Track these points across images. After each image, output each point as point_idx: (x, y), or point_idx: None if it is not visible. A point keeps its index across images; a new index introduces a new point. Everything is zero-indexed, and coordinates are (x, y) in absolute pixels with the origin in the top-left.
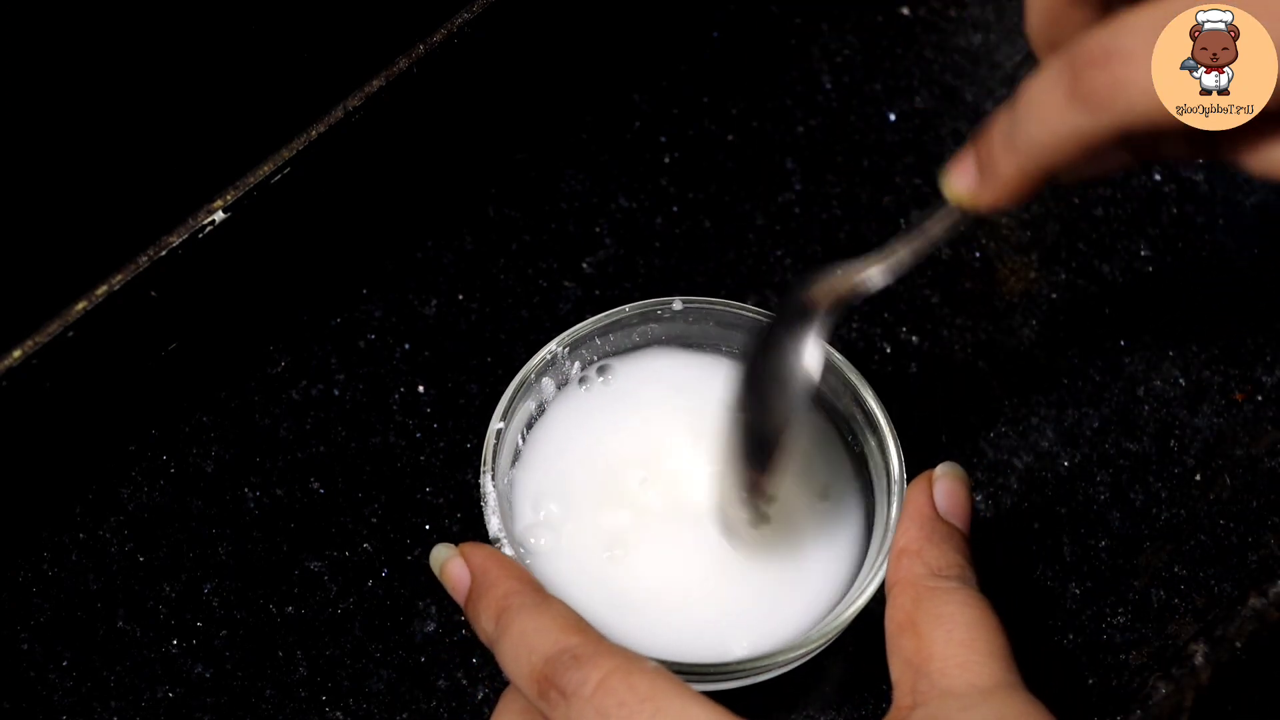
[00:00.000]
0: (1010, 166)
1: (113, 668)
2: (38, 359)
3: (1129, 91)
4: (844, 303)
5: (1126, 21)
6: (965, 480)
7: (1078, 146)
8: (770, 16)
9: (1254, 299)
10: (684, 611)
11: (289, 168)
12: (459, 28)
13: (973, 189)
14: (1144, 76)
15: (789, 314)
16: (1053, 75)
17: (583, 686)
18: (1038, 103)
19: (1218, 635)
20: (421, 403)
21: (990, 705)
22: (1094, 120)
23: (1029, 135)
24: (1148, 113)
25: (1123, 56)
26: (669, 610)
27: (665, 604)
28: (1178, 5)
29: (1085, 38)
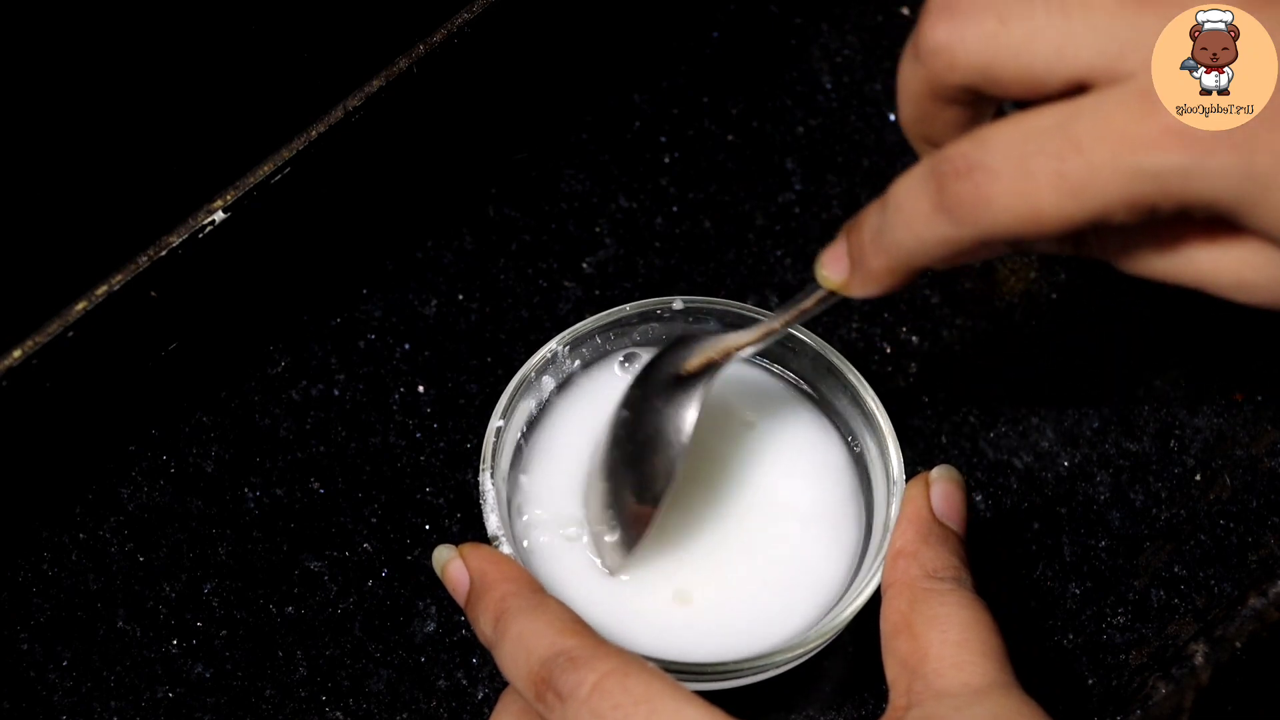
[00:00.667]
0: (879, 264)
1: (113, 668)
2: (38, 359)
3: (992, 207)
4: (716, 369)
5: (990, 136)
6: (961, 483)
7: (943, 252)
8: (770, 16)
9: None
10: (682, 611)
11: (289, 168)
12: (459, 28)
13: (844, 279)
14: (1007, 192)
15: (662, 381)
16: (919, 183)
17: (579, 688)
18: (905, 208)
19: (1218, 635)
20: (421, 403)
21: (984, 705)
22: (958, 231)
23: (896, 239)
24: (1011, 226)
25: (986, 171)
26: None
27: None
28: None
29: (950, 149)
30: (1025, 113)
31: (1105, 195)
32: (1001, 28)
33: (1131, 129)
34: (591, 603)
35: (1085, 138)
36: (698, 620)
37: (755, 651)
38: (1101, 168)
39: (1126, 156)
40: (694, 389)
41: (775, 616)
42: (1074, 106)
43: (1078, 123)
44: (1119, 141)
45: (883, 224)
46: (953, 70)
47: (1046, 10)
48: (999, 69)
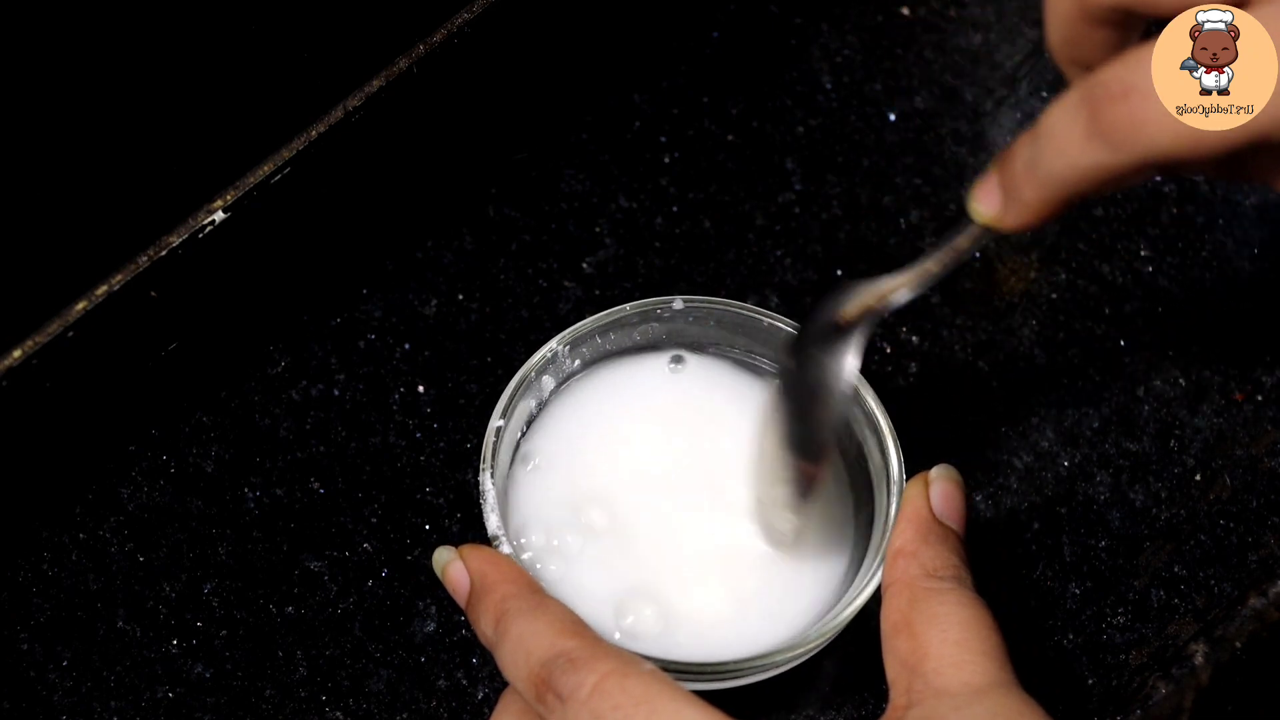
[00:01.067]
0: (1034, 195)
1: (113, 668)
2: (38, 359)
3: (1148, 128)
4: (875, 316)
5: (1144, 55)
6: (960, 483)
7: (1100, 179)
8: (770, 16)
9: (1254, 299)
10: (683, 610)
11: (289, 168)
12: (459, 28)
13: (997, 212)
14: (1163, 112)
15: (820, 330)
16: (1072, 109)
17: (578, 690)
18: (1058, 136)
19: (1218, 635)
20: (421, 403)
21: (984, 704)
22: (1114, 156)
23: (1051, 167)
24: (1169, 148)
25: (1141, 93)
26: (668, 609)
27: (665, 603)
28: None
29: (1103, 71)
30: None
31: (1265, 112)
32: None
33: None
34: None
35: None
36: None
37: (755, 651)
38: None
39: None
40: (851, 336)
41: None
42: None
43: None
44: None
45: (1035, 154)
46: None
47: None
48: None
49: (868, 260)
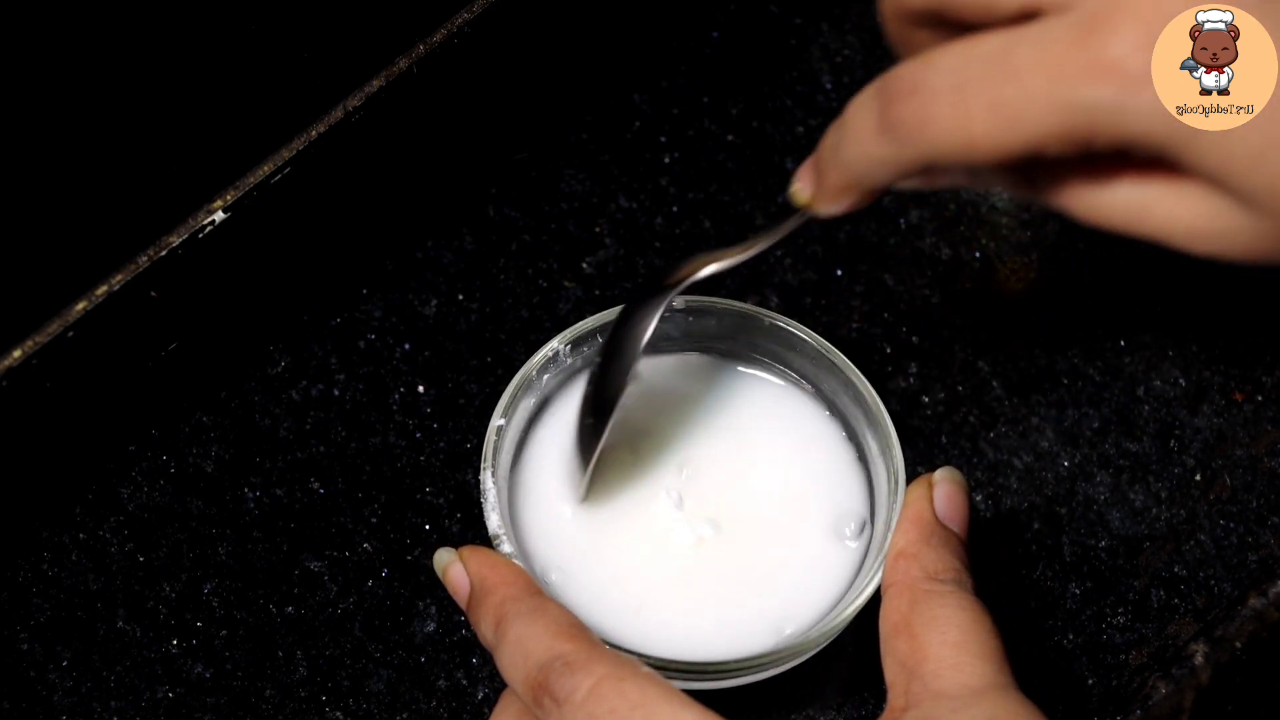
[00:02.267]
0: (835, 181)
1: (113, 668)
2: (38, 359)
3: (930, 129)
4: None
5: (936, 58)
6: (964, 485)
7: (889, 172)
8: (770, 16)
9: (1254, 299)
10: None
11: (289, 168)
12: (459, 28)
13: (811, 196)
14: (944, 115)
15: (643, 291)
16: (868, 101)
17: (575, 693)
18: (855, 126)
19: (1218, 635)
20: (421, 403)
21: (981, 706)
22: (901, 151)
23: (847, 156)
24: (947, 150)
25: (928, 92)
26: (668, 608)
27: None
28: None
29: (899, 68)
30: (972, 37)
31: (1038, 125)
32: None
33: (1066, 60)
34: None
35: (1022, 66)
36: (698, 619)
37: (755, 651)
38: (1035, 97)
39: (1059, 87)
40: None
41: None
42: (1017, 34)
43: (1017, 51)
44: (1053, 72)
45: (838, 141)
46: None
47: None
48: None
49: (868, 260)
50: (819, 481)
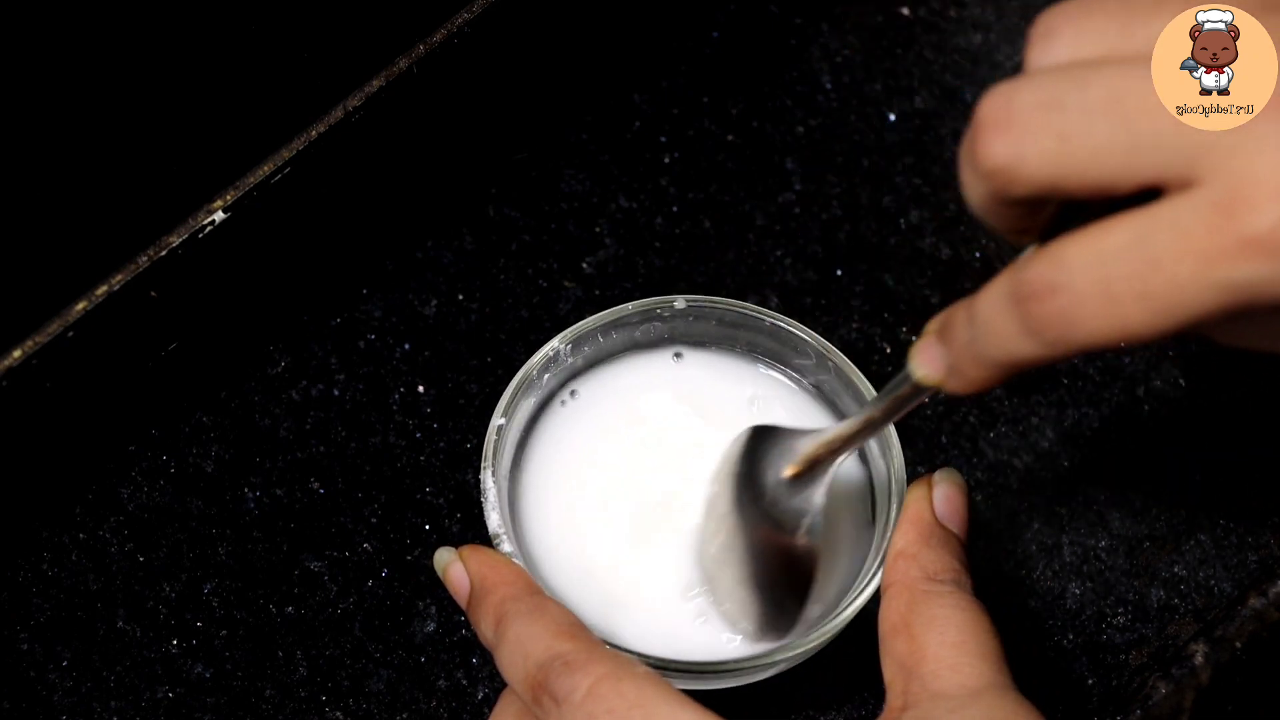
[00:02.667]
0: (977, 374)
1: (113, 668)
2: (38, 359)
3: (1079, 329)
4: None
5: (1067, 257)
6: (963, 487)
7: (1037, 363)
8: (770, 16)
9: None
10: (683, 609)
11: (289, 168)
12: (459, 28)
13: (941, 378)
14: (1093, 316)
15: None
16: (1003, 303)
17: (573, 693)
18: (994, 330)
19: (1218, 635)
20: (421, 403)
21: (979, 706)
22: (1048, 350)
23: (991, 355)
24: (1101, 343)
25: (1069, 294)
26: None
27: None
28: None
29: (1028, 271)
30: (1099, 228)
31: (1194, 309)
32: (1063, 147)
33: (1210, 243)
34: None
35: (1164, 256)
36: (698, 618)
37: (755, 651)
38: (1186, 285)
39: (1210, 272)
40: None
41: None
42: (1149, 220)
43: (1154, 240)
44: (1199, 257)
45: (974, 338)
46: (1016, 187)
47: (1109, 125)
48: (1065, 184)
49: (868, 260)
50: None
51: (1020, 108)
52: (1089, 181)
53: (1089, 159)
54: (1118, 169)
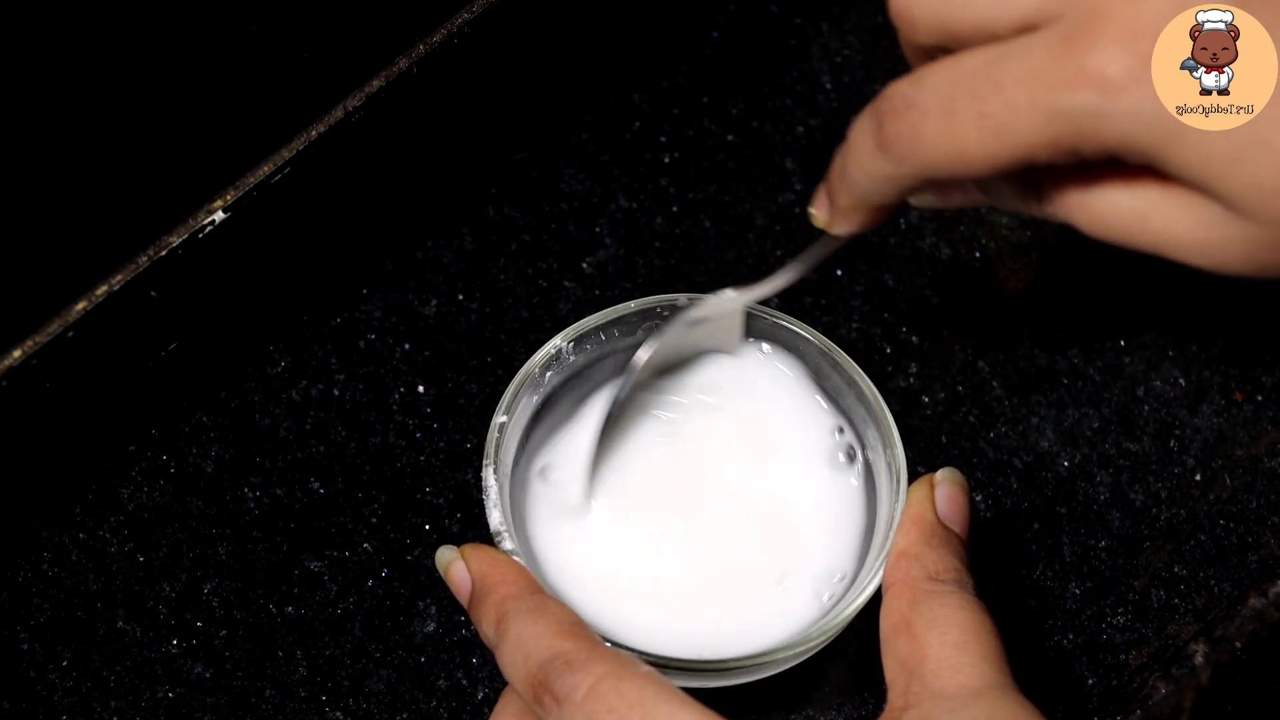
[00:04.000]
0: (844, 202)
1: (113, 668)
2: (38, 359)
3: (923, 145)
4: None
5: (925, 75)
6: (965, 486)
7: (891, 189)
8: (770, 16)
9: (1254, 299)
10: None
11: (289, 168)
12: (459, 28)
13: (826, 218)
14: (935, 131)
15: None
16: (865, 121)
17: (574, 692)
18: (856, 147)
19: (1218, 635)
20: (421, 403)
21: (979, 706)
22: (897, 168)
23: (851, 176)
24: (941, 164)
25: (919, 109)
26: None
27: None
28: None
29: (891, 87)
30: (961, 53)
31: (1025, 135)
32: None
33: (1048, 70)
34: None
35: (1006, 79)
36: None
37: (755, 649)
38: (1020, 108)
39: (1043, 97)
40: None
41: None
42: (1003, 48)
43: (1002, 65)
44: (1036, 82)
45: (843, 163)
46: (916, 29)
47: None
48: (953, 23)
49: (868, 260)
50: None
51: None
52: (972, 22)
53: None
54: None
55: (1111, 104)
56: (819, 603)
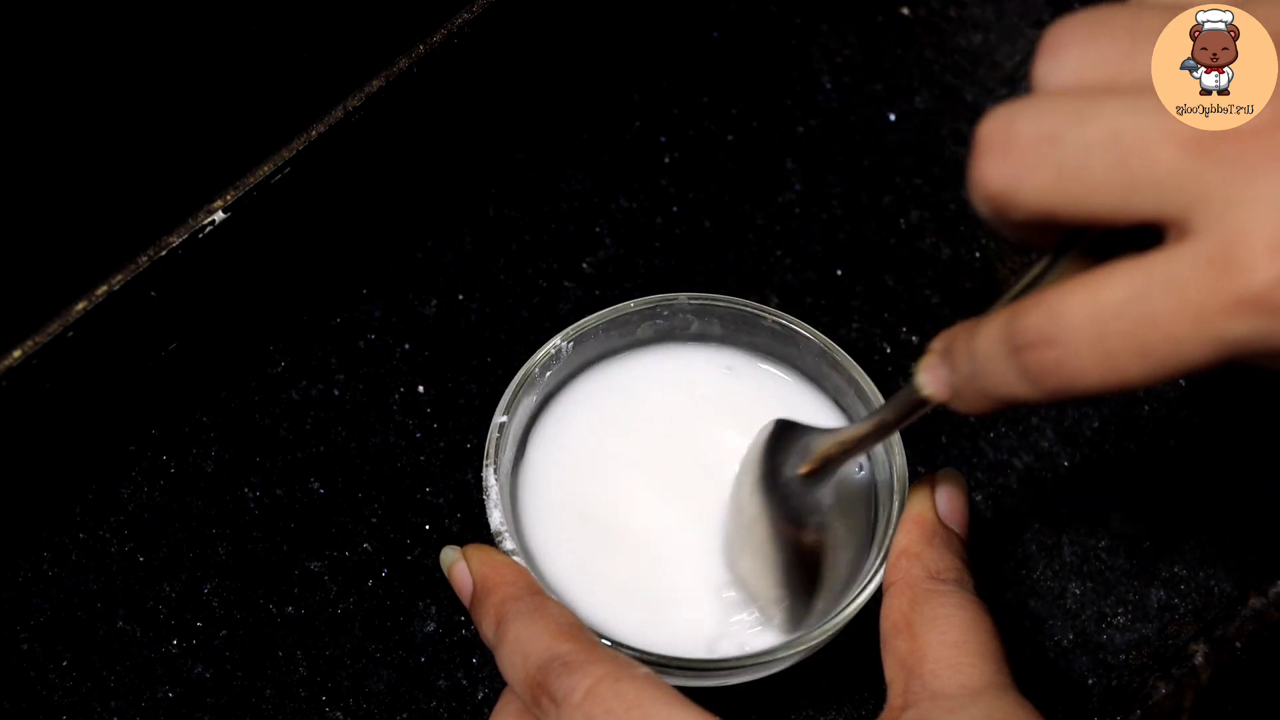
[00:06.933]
0: (980, 405)
1: (113, 668)
2: (38, 359)
3: (1076, 381)
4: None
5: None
6: (965, 487)
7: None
8: (770, 16)
9: None
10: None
11: (289, 168)
12: (459, 28)
13: (946, 398)
14: (1089, 369)
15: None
16: (1000, 347)
17: (572, 694)
18: (992, 371)
19: (1218, 635)
20: (421, 403)
21: (979, 706)
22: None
23: (991, 391)
24: (1099, 391)
25: (1064, 348)
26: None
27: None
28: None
29: (1023, 318)
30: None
31: (1189, 362)
32: (1059, 180)
33: (1206, 301)
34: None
35: (1160, 313)
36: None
37: (755, 649)
38: (1183, 340)
39: (1204, 329)
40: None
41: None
42: (1145, 274)
43: (1150, 297)
44: (1195, 315)
45: (975, 373)
46: (1013, 212)
47: (1105, 164)
48: (1061, 215)
49: (868, 260)
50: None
51: (1019, 136)
52: (1084, 215)
53: (1085, 194)
54: (1113, 207)
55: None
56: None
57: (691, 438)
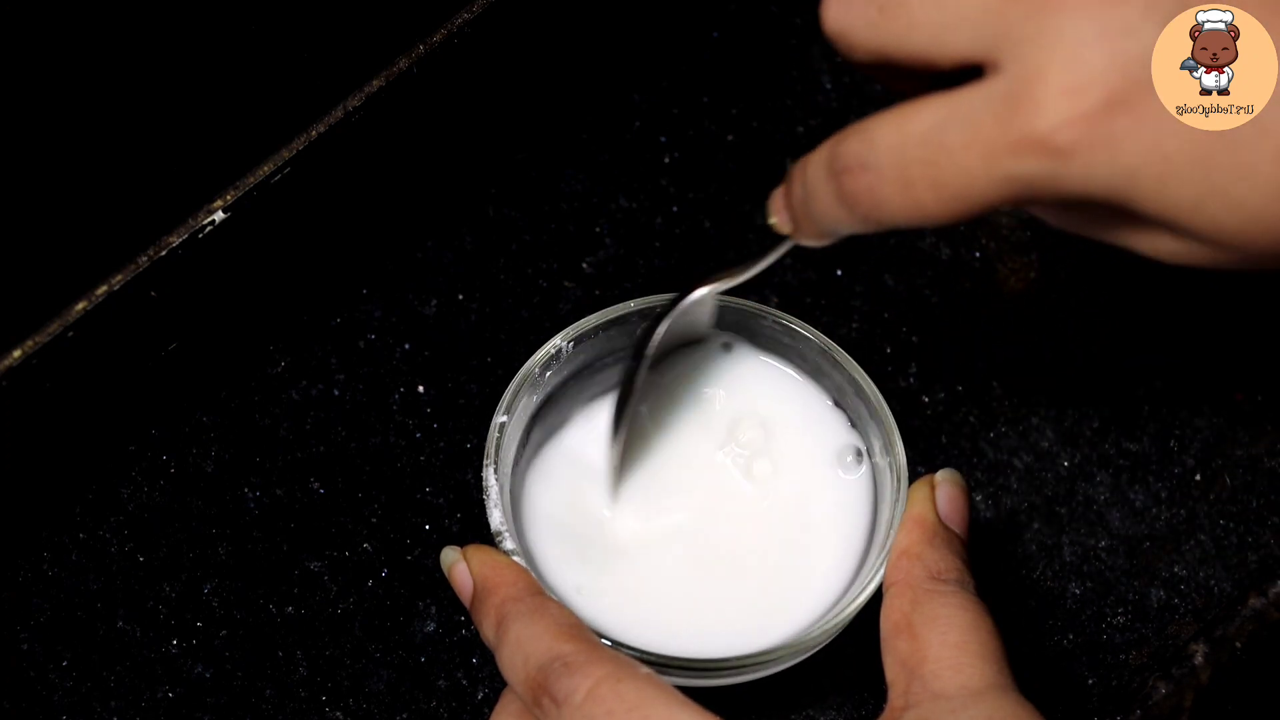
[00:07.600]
0: (812, 230)
1: (113, 668)
2: (38, 359)
3: (883, 206)
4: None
5: (876, 136)
6: (965, 487)
7: (859, 230)
8: (770, 16)
9: (1254, 299)
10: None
11: (289, 168)
12: (459, 28)
13: (790, 230)
14: (894, 195)
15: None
16: (823, 171)
17: (573, 695)
18: (816, 195)
19: (1218, 635)
20: (421, 403)
21: (980, 707)
22: (861, 223)
23: (816, 214)
24: (903, 221)
25: (873, 172)
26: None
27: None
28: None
29: (842, 145)
30: (907, 108)
31: (983, 196)
32: (881, 17)
33: (995, 137)
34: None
35: (955, 144)
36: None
37: (756, 648)
38: (974, 173)
39: (994, 164)
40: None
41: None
42: (948, 106)
43: (949, 130)
44: (984, 150)
45: (805, 199)
46: (852, 52)
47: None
48: (890, 53)
49: (868, 260)
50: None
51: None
52: (908, 53)
53: (905, 32)
54: (931, 44)
55: (1063, 168)
56: (820, 603)
57: (691, 437)
